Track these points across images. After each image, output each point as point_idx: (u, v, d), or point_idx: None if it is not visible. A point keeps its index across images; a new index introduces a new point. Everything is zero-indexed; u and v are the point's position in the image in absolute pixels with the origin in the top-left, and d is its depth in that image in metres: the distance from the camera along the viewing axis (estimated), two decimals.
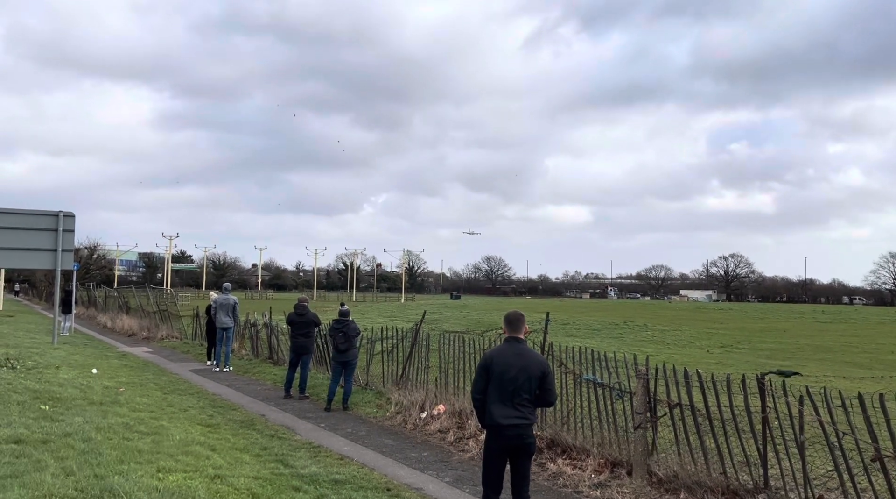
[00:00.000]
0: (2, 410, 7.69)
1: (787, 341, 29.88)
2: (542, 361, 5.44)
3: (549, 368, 5.42)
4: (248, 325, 18.19)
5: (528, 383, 5.24)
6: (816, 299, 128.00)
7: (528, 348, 5.46)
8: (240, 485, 5.79)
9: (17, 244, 14.83)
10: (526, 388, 5.24)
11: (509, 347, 5.42)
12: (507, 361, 5.31)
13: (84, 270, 58.22)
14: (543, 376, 5.29)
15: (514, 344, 5.41)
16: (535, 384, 5.27)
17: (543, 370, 5.32)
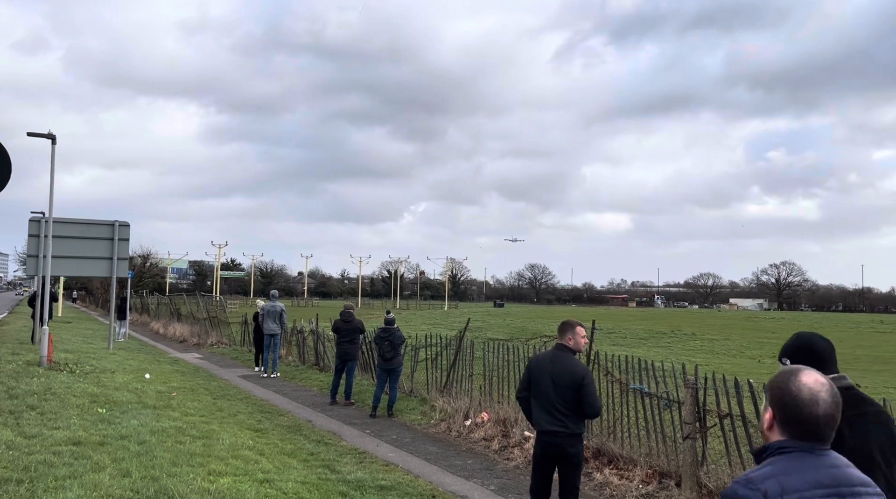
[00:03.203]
0: (61, 412, 7.97)
1: (844, 352, 28.83)
2: (579, 371, 5.18)
3: (586, 379, 5.14)
4: (295, 332, 18.45)
5: (561, 392, 5.09)
6: (874, 309, 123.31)
7: (565, 356, 5.24)
8: (288, 489, 5.87)
9: (75, 253, 15.35)
10: (559, 396, 5.10)
11: (548, 355, 5.35)
12: (542, 368, 5.25)
13: (138, 277, 59.97)
14: (579, 387, 5.08)
15: (554, 351, 5.34)
16: (571, 394, 5.08)
17: (578, 381, 5.08)
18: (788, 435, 1.95)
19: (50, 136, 13.31)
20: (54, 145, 13.40)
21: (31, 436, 6.72)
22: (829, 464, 1.90)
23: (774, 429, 1.99)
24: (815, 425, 1.91)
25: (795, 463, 1.90)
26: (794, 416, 1.94)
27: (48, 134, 13.32)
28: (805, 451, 1.92)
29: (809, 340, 2.92)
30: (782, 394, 1.96)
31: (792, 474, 1.87)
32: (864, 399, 2.80)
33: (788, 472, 1.87)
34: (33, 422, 7.36)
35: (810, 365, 2.47)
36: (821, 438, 1.92)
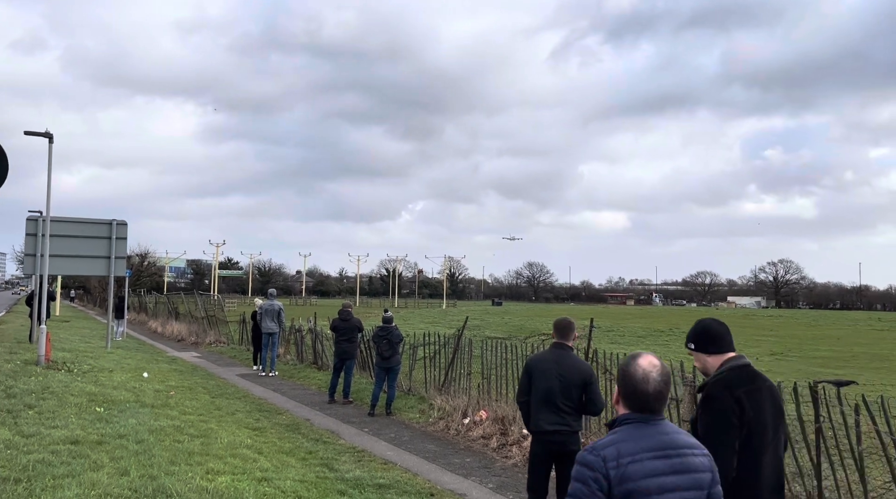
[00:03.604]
0: (59, 411, 7.96)
1: (842, 349, 28.90)
2: (586, 369, 5.32)
3: (592, 377, 5.28)
4: (293, 330, 18.45)
5: (567, 390, 5.15)
6: (872, 306, 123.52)
7: (570, 355, 5.35)
8: (286, 488, 5.88)
9: (73, 252, 15.33)
10: (565, 395, 5.14)
11: (551, 354, 5.38)
12: (546, 367, 5.27)
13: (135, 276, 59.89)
14: (585, 384, 5.18)
15: (557, 350, 5.36)
16: (577, 392, 5.17)
17: (585, 379, 5.20)
18: (629, 408, 2.38)
19: (47, 134, 13.29)
20: (51, 144, 13.38)
21: (29, 435, 6.71)
22: (660, 432, 2.32)
23: (620, 403, 2.43)
24: (646, 399, 2.34)
25: (632, 432, 2.31)
26: (631, 392, 2.37)
27: (45, 133, 13.30)
28: (642, 421, 2.33)
29: (707, 325, 3.33)
30: (623, 374, 2.41)
31: (628, 441, 2.29)
32: (758, 376, 3.25)
33: (625, 440, 2.29)
34: (31, 421, 7.35)
35: (708, 347, 3.25)
36: (652, 410, 2.36)
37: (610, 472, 2.22)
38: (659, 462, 2.27)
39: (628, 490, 2.20)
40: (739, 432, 2.99)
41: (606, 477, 2.22)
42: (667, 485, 2.25)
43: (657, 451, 2.28)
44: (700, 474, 2.33)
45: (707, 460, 2.38)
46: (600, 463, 2.24)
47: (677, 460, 2.29)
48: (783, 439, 3.17)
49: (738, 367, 3.21)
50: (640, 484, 2.21)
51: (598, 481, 2.22)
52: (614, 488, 2.20)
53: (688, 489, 2.28)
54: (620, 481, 2.21)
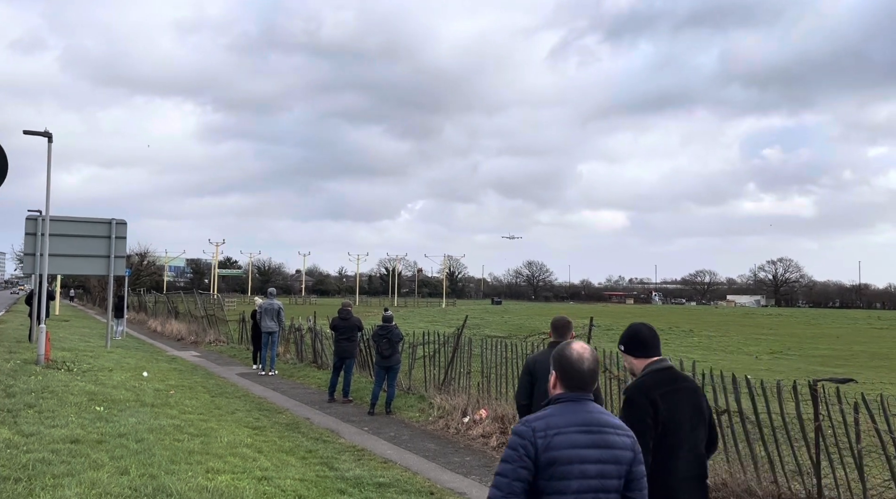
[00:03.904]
0: (59, 411, 7.96)
1: (841, 348, 28.92)
2: None
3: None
4: (293, 329, 18.45)
5: None
6: (871, 305, 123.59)
7: None
8: (286, 487, 5.88)
9: (72, 251, 15.32)
10: None
11: (550, 353, 5.37)
12: (548, 367, 5.26)
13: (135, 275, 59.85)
14: None
15: None
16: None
17: None
18: (565, 388, 2.70)
19: (46, 134, 13.28)
20: (51, 143, 13.37)
21: (28, 434, 6.71)
22: (587, 410, 2.64)
23: (557, 386, 2.74)
24: (581, 377, 2.68)
25: (563, 409, 2.63)
26: (568, 371, 2.69)
27: (44, 132, 13.29)
28: (573, 401, 2.66)
29: (637, 330, 3.63)
30: (560, 357, 2.74)
31: (557, 416, 2.60)
32: (678, 378, 3.57)
33: (555, 415, 2.61)
34: (31, 420, 7.35)
35: (635, 351, 3.58)
36: (586, 387, 2.69)
37: (538, 441, 2.53)
38: (582, 436, 2.57)
39: (552, 457, 2.52)
40: (655, 431, 3.29)
41: (534, 445, 2.53)
42: (586, 457, 2.54)
43: (582, 426, 2.59)
44: (620, 451, 2.61)
45: (630, 440, 2.65)
46: (530, 433, 2.55)
47: (599, 437, 2.59)
48: (703, 435, 3.48)
49: (658, 370, 3.50)
50: (562, 453, 2.52)
51: (527, 447, 2.53)
52: (540, 456, 2.52)
53: (606, 463, 2.57)
54: (546, 450, 2.52)
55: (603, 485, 2.56)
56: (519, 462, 2.52)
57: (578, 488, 2.52)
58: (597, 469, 2.55)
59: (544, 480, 2.51)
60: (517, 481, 2.51)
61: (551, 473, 2.51)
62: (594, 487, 2.54)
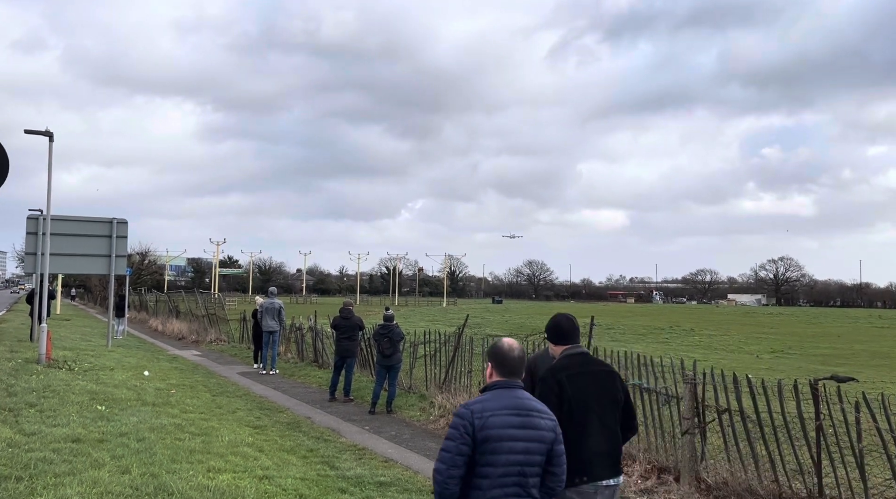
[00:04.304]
0: (61, 410, 7.97)
1: (842, 347, 28.91)
2: None
3: None
4: (294, 328, 18.46)
5: None
6: (872, 304, 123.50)
7: None
8: (287, 486, 5.88)
9: (73, 250, 15.32)
10: None
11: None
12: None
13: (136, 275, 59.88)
14: None
15: None
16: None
17: None
18: (499, 375, 3.20)
19: (47, 133, 13.28)
20: (52, 143, 13.38)
21: (30, 433, 6.71)
22: (517, 396, 3.14)
23: (493, 374, 3.23)
24: (512, 364, 3.19)
25: (497, 394, 3.13)
26: (501, 360, 3.20)
27: (45, 131, 13.29)
28: (505, 387, 3.16)
29: (557, 322, 4.08)
30: (495, 350, 3.25)
31: (492, 400, 3.10)
32: (590, 362, 4.02)
33: (490, 399, 3.11)
34: (32, 419, 7.35)
35: (556, 338, 4.05)
36: (515, 373, 3.20)
37: (475, 422, 3.01)
38: (512, 418, 3.05)
39: (487, 435, 2.99)
40: (561, 408, 3.67)
41: (472, 425, 3.00)
42: (515, 436, 3.03)
43: (512, 409, 3.08)
44: (543, 432, 3.10)
45: (552, 423, 3.16)
46: (469, 415, 3.03)
47: (526, 419, 3.08)
48: (615, 415, 3.88)
49: (571, 355, 3.96)
50: (495, 432, 3.00)
51: (466, 427, 3.01)
52: (477, 434, 2.99)
53: (531, 441, 3.06)
54: (482, 429, 3.00)
55: (528, 460, 3.05)
56: (460, 440, 2.99)
57: (506, 462, 3.01)
58: (523, 446, 3.03)
59: (479, 454, 3.00)
60: (459, 456, 2.99)
61: (485, 448, 2.99)
62: (520, 461, 3.03)
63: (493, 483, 3.00)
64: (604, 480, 3.77)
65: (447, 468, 2.99)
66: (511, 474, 3.01)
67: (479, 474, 3.00)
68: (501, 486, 3.01)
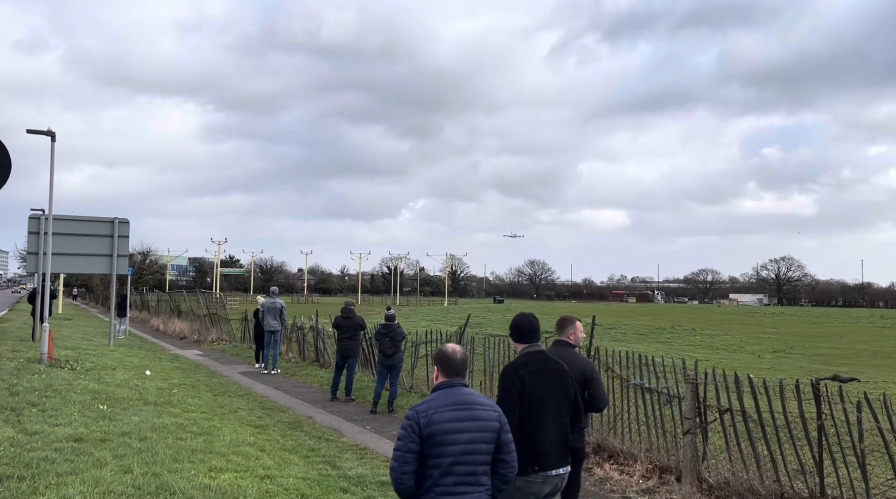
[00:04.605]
0: (63, 409, 7.98)
1: (844, 347, 28.89)
2: (586, 366, 5.24)
3: (593, 373, 5.21)
4: (295, 328, 18.46)
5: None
6: (874, 304, 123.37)
7: (570, 352, 5.27)
8: (289, 485, 5.89)
9: (75, 250, 15.33)
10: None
11: (554, 352, 5.35)
12: None
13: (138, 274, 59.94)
14: (586, 381, 5.12)
15: (558, 348, 5.34)
16: (578, 389, 5.12)
17: (585, 375, 5.13)
18: (445, 375, 3.51)
19: (49, 133, 13.30)
20: (54, 142, 13.39)
21: (32, 433, 6.72)
22: (460, 393, 3.44)
23: (439, 376, 3.54)
24: (455, 365, 3.51)
25: (442, 394, 3.43)
26: (446, 362, 3.52)
27: (47, 131, 13.31)
28: (449, 387, 3.46)
29: (517, 322, 4.38)
30: (440, 354, 3.58)
31: (437, 399, 3.40)
32: (547, 360, 4.29)
33: (436, 399, 3.41)
34: (35, 419, 7.36)
35: (518, 337, 4.36)
36: (458, 373, 3.52)
37: (421, 420, 3.31)
38: (456, 412, 3.34)
39: (432, 431, 3.28)
40: (521, 402, 4.00)
41: (418, 424, 3.30)
42: (459, 428, 3.32)
43: (456, 405, 3.37)
44: (487, 422, 3.39)
45: (496, 414, 3.45)
46: (415, 415, 3.34)
47: (469, 412, 3.37)
48: (567, 409, 4.22)
49: (530, 353, 4.27)
50: (440, 426, 3.30)
51: (413, 427, 3.30)
52: (423, 430, 3.29)
53: (475, 432, 3.35)
54: (427, 426, 3.30)
55: (474, 449, 3.33)
56: (409, 439, 3.30)
57: (453, 452, 3.29)
58: (468, 437, 3.32)
59: (428, 447, 3.29)
60: (408, 453, 3.30)
61: (432, 442, 3.29)
62: (467, 450, 3.31)
63: (443, 472, 3.29)
64: (553, 469, 4.07)
65: (399, 465, 3.30)
66: (460, 464, 3.30)
67: (431, 465, 3.30)
68: (453, 474, 3.29)
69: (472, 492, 3.32)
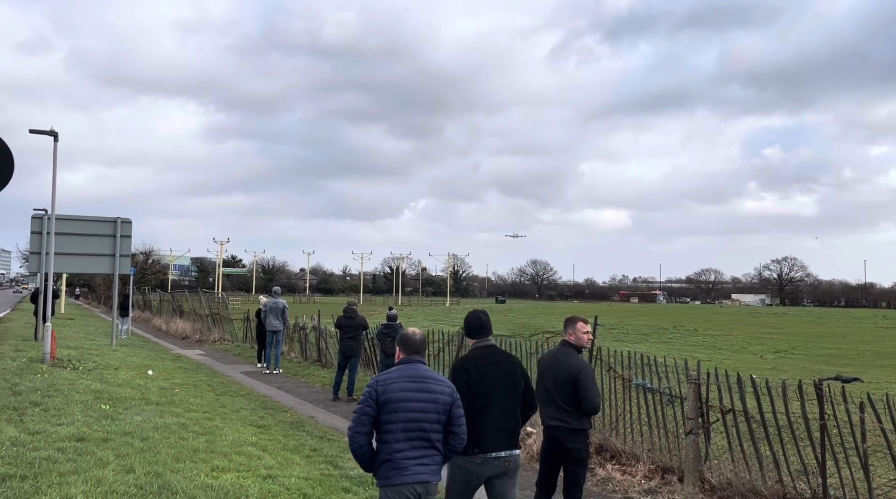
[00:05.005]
0: (65, 409, 7.99)
1: (846, 347, 28.84)
2: (575, 366, 5.13)
3: (582, 373, 5.09)
4: (297, 328, 18.47)
5: (560, 387, 5.09)
6: (877, 304, 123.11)
7: (565, 352, 5.24)
8: (291, 485, 5.89)
9: (77, 250, 15.35)
10: (559, 392, 5.10)
11: (553, 351, 5.39)
12: (546, 364, 5.28)
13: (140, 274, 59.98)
14: (573, 381, 5.06)
15: (558, 347, 5.35)
16: (568, 389, 5.07)
17: (573, 376, 5.06)
18: (405, 355, 4.02)
19: (52, 133, 13.32)
20: (56, 142, 13.41)
21: (34, 432, 6.73)
22: (416, 369, 3.94)
23: (400, 355, 4.05)
24: (414, 345, 4.03)
25: (401, 368, 3.95)
26: (406, 344, 4.04)
27: (50, 131, 13.33)
28: (408, 363, 3.97)
29: (468, 318, 4.79)
30: (402, 336, 4.10)
31: (395, 373, 3.91)
32: (496, 353, 4.69)
33: (394, 372, 3.92)
34: (37, 418, 7.37)
35: (470, 333, 4.76)
36: (417, 353, 4.03)
37: (378, 389, 3.80)
38: (409, 384, 3.83)
39: (387, 399, 3.77)
40: (467, 391, 4.38)
41: (376, 392, 3.80)
42: (412, 398, 3.79)
43: (410, 378, 3.86)
44: (439, 395, 3.85)
45: (448, 389, 3.92)
46: (374, 384, 3.84)
47: (422, 385, 3.85)
48: (515, 399, 4.55)
49: (479, 347, 4.65)
50: (394, 395, 3.78)
51: (372, 395, 3.80)
52: (380, 398, 3.78)
53: (426, 402, 3.81)
54: (383, 394, 3.79)
55: (425, 417, 3.79)
56: (367, 404, 3.78)
57: (405, 419, 3.76)
58: (419, 406, 3.79)
59: (384, 414, 3.77)
60: (364, 416, 3.77)
61: (387, 408, 3.77)
62: (418, 418, 3.77)
63: (396, 436, 3.76)
64: (494, 452, 4.39)
65: (356, 426, 3.79)
66: (412, 429, 3.77)
67: (385, 429, 3.78)
68: (406, 439, 3.76)
69: (423, 455, 3.79)
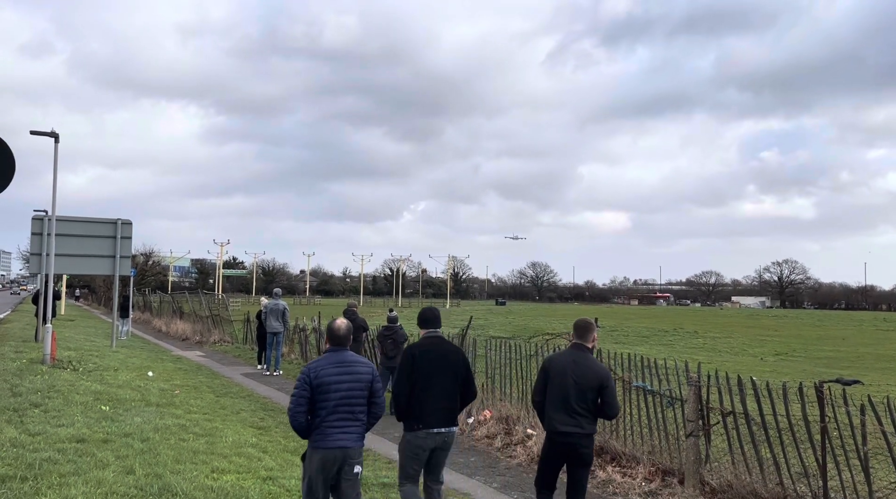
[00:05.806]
0: (65, 410, 7.99)
1: (847, 350, 28.82)
2: (602, 373, 5.18)
3: (610, 381, 5.16)
4: (298, 330, 18.46)
5: (582, 393, 5.07)
6: (877, 306, 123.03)
7: (587, 357, 5.22)
8: (291, 486, 5.88)
9: (78, 251, 15.36)
10: (580, 397, 5.07)
11: (569, 355, 5.28)
12: (563, 368, 5.18)
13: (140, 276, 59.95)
14: (602, 388, 5.09)
15: (575, 352, 5.26)
16: (592, 395, 5.08)
17: (602, 382, 5.09)
18: (331, 345, 4.61)
19: (53, 134, 13.33)
20: (57, 143, 13.43)
21: (35, 433, 6.73)
22: (342, 355, 4.56)
23: (328, 344, 4.63)
24: (339, 336, 4.61)
25: (328, 355, 4.57)
26: (333, 333, 4.63)
27: (51, 132, 13.34)
28: (334, 351, 4.58)
29: (422, 311, 5.43)
30: (330, 327, 4.64)
31: (324, 360, 4.54)
32: (443, 343, 5.29)
33: (323, 359, 4.55)
34: (37, 420, 7.37)
35: (422, 323, 5.33)
36: (342, 343, 4.61)
37: (311, 374, 4.42)
38: (336, 369, 4.46)
39: (319, 382, 4.40)
40: (411, 375, 5.02)
41: (309, 377, 4.41)
42: (339, 380, 4.43)
43: (338, 363, 4.50)
44: (362, 375, 4.52)
45: (369, 369, 4.59)
46: (308, 370, 4.45)
47: (347, 368, 4.49)
48: (451, 381, 5.10)
49: (428, 338, 5.24)
50: (324, 379, 4.41)
51: (306, 379, 4.40)
52: (313, 382, 4.39)
53: (352, 383, 4.47)
54: (316, 378, 4.40)
55: (351, 395, 4.46)
56: (302, 388, 4.39)
57: (335, 398, 4.41)
58: (346, 386, 4.44)
59: (317, 395, 4.39)
60: (301, 397, 4.39)
61: (319, 390, 4.39)
62: (345, 397, 4.43)
63: (328, 413, 4.40)
64: (435, 428, 5.00)
65: (294, 407, 4.40)
66: (342, 407, 4.43)
67: (319, 408, 4.41)
68: (336, 415, 4.42)
69: (350, 426, 4.49)
